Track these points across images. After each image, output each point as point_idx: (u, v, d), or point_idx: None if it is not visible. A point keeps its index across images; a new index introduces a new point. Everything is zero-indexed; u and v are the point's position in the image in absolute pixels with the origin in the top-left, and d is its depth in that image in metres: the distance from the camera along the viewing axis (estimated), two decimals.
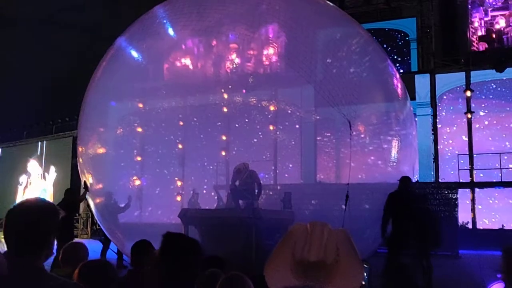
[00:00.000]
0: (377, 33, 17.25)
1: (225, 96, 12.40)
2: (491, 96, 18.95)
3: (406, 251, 8.19)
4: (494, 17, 20.34)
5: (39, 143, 26.92)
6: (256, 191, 10.04)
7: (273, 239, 8.48)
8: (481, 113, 18.94)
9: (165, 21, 10.89)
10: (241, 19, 10.31)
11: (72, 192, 10.92)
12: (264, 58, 11.80)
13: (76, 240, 6.69)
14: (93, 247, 4.06)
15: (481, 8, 20.34)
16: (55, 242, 2.40)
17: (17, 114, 31.15)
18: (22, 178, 27.03)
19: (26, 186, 26.74)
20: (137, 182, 11.88)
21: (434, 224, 8.44)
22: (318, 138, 12.72)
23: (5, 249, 2.21)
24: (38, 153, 26.69)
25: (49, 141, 26.35)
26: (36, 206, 2.31)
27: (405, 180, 8.52)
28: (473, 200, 17.79)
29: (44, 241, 2.27)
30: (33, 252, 2.19)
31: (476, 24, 20.42)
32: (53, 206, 2.44)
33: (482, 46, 20.24)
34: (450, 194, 14.72)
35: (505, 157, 17.89)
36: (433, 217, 8.91)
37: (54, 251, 2.44)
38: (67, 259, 3.70)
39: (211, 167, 12.35)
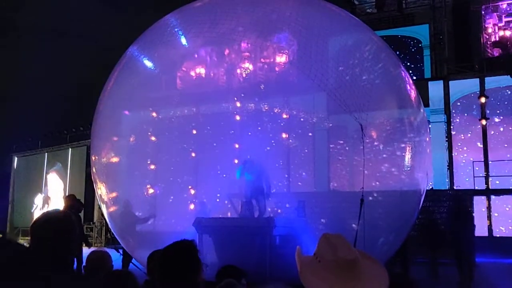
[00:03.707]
0: (389, 40, 17.16)
1: (238, 104, 12.41)
2: (506, 102, 18.75)
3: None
4: (508, 22, 20.20)
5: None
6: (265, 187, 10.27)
7: (287, 248, 8.44)
8: (496, 120, 18.74)
9: (177, 29, 10.93)
10: (253, 27, 10.32)
11: (78, 200, 10.81)
12: (276, 66, 11.80)
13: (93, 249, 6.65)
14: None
15: (495, 14, 20.21)
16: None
17: (32, 124, 31.47)
18: (38, 200, 25.40)
19: (46, 203, 24.79)
20: (151, 191, 11.90)
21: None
22: (331, 146, 12.64)
23: None
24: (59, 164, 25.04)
25: (63, 150, 26.31)
26: (57, 219, 2.37)
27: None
28: (489, 208, 17.58)
29: (67, 252, 2.32)
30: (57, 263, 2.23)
31: (489, 30, 20.29)
32: (71, 217, 2.48)
33: (496, 52, 20.09)
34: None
35: None
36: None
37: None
38: (93, 269, 3.57)
39: (224, 175, 12.32)
